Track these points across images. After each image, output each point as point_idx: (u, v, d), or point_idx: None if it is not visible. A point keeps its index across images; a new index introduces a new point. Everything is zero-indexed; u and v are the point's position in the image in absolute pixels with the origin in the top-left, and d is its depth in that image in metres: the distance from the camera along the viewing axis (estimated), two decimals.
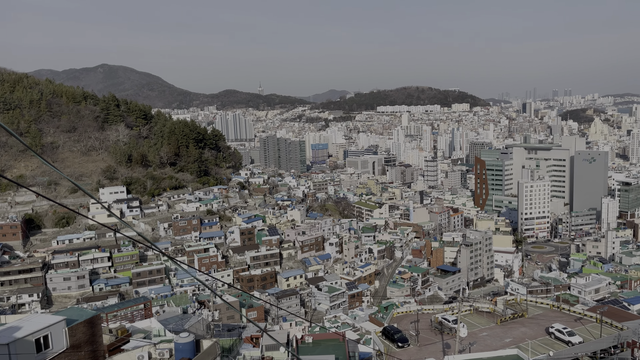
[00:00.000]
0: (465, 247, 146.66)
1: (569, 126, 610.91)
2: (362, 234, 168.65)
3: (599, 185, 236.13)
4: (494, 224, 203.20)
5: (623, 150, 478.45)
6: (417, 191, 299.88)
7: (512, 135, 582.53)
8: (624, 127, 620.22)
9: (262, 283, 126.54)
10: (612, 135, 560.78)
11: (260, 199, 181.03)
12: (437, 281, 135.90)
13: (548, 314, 74.18)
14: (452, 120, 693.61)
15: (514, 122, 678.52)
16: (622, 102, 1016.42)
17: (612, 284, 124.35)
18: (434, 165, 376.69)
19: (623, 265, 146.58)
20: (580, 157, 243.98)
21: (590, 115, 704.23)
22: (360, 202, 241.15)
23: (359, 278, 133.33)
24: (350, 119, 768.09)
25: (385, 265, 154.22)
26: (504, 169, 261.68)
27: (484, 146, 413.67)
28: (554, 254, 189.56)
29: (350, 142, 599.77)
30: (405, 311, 79.48)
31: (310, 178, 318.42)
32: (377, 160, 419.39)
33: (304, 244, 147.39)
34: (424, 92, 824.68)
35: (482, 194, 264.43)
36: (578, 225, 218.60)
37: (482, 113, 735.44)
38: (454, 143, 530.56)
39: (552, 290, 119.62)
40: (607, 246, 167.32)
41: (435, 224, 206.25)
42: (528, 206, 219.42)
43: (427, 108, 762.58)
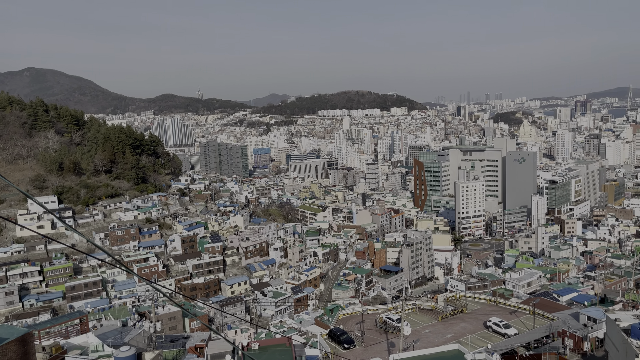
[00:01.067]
0: (406, 247, 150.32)
1: (501, 128, 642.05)
2: (307, 238, 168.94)
3: (528, 184, 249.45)
4: (433, 223, 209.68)
5: (549, 150, 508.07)
6: (360, 194, 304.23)
7: (448, 137, 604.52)
8: (550, 128, 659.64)
9: (206, 291, 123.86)
10: (539, 137, 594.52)
11: (202, 205, 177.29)
12: (381, 281, 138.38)
13: (486, 308, 77.40)
14: (391, 123, 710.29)
15: (449, 125, 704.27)
16: (548, 105, 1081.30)
17: (542, 277, 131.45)
18: (375, 168, 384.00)
19: (552, 259, 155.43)
20: (512, 158, 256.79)
21: (519, 117, 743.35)
22: (304, 206, 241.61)
23: (304, 282, 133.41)
24: (292, 123, 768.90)
25: (330, 268, 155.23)
26: (441, 170, 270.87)
27: (422, 148, 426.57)
28: (489, 250, 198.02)
29: (292, 146, 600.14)
30: (351, 312, 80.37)
31: (253, 183, 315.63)
32: (320, 164, 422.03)
33: (248, 249, 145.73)
34: (363, 96, 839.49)
35: (422, 195, 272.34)
36: (511, 223, 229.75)
37: (419, 116, 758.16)
38: (393, 146, 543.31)
39: (488, 285, 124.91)
40: (538, 241, 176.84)
41: (378, 225, 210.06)
42: (464, 205, 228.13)
43: (367, 112, 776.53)
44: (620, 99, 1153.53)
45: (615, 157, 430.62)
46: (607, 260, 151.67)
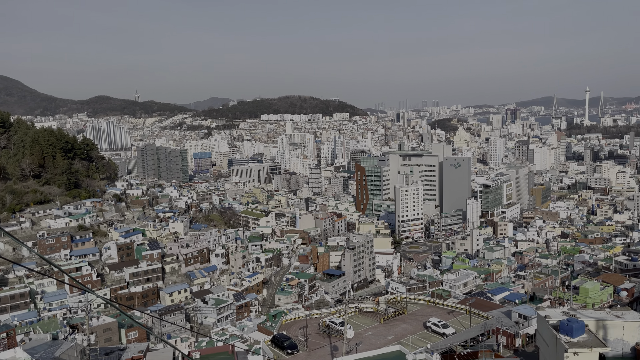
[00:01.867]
0: (349, 250, 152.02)
1: (437, 134, 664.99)
2: (249, 243, 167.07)
3: (464, 188, 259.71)
4: (375, 227, 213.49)
5: (483, 155, 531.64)
6: (303, 198, 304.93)
7: (388, 143, 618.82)
8: (483, 134, 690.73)
9: (144, 300, 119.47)
10: (473, 143, 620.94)
11: (139, 211, 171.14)
12: (324, 285, 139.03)
13: (425, 309, 79.64)
14: (333, 128, 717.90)
15: (389, 131, 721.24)
16: (481, 113, 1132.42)
17: (477, 278, 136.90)
18: (318, 173, 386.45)
19: (486, 259, 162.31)
20: (448, 163, 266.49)
21: (455, 124, 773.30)
22: (246, 211, 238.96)
23: (247, 288, 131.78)
24: (234, 127, 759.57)
25: (273, 273, 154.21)
26: (382, 175, 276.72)
27: (363, 153, 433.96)
28: (428, 252, 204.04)
29: (234, 150, 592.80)
30: (294, 318, 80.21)
31: (193, 188, 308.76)
32: (263, 169, 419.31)
33: (188, 256, 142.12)
34: (306, 101, 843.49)
35: (363, 199, 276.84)
36: (448, 225, 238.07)
37: (360, 122, 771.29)
38: (336, 151, 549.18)
39: (427, 286, 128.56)
40: (472, 243, 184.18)
41: (321, 229, 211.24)
42: (404, 209, 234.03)
43: (309, 117, 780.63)
44: (546, 107, 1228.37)
45: (542, 162, 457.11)
46: (535, 260, 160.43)
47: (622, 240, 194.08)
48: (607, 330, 27.03)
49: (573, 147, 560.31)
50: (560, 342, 24.55)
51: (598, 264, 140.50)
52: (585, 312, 28.63)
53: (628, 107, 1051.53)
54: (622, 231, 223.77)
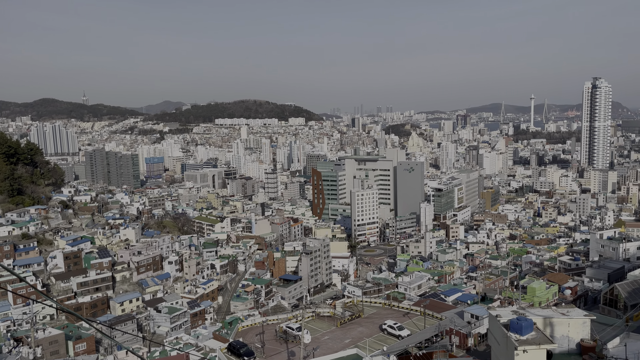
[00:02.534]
0: (305, 255, 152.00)
1: (392, 139, 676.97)
2: (204, 250, 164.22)
3: (417, 192, 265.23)
4: (331, 231, 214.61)
5: (435, 160, 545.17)
6: (259, 203, 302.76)
7: (344, 147, 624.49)
8: (435, 140, 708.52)
9: (93, 311, 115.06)
10: (426, 147, 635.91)
11: (88, 218, 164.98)
12: (280, 291, 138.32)
13: (381, 312, 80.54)
14: (289, 133, 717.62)
15: (345, 136, 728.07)
16: (433, 118, 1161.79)
17: (431, 280, 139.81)
18: (274, 178, 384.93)
19: (439, 262, 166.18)
20: (402, 167, 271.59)
21: (408, 129, 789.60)
22: (200, 216, 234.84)
23: (202, 295, 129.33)
24: (187, 131, 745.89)
25: (228, 279, 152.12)
26: (338, 180, 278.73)
27: (319, 158, 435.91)
28: (383, 256, 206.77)
29: (188, 155, 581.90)
30: (250, 324, 79.33)
31: (145, 194, 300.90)
32: (217, 174, 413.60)
33: (140, 264, 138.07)
34: (261, 105, 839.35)
35: (320, 204, 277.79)
36: (402, 229, 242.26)
37: (316, 127, 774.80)
38: (292, 155, 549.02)
39: (383, 289, 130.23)
40: (426, 246, 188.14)
41: (277, 234, 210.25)
42: (360, 213, 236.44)
43: (265, 121, 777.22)
44: (495, 114, 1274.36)
45: (491, 166, 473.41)
46: (486, 261, 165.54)
47: (565, 241, 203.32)
48: (554, 327, 28.21)
49: (520, 152, 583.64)
50: (510, 341, 25.41)
51: (544, 264, 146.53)
52: (534, 311, 29.77)
53: (570, 114, 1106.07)
54: (565, 232, 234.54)
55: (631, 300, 58.34)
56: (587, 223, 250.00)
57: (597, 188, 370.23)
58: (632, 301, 58.16)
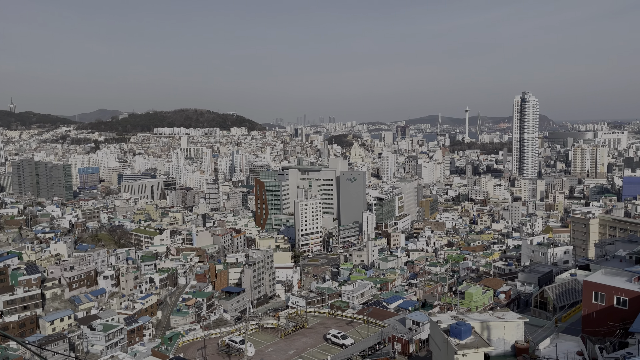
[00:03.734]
0: (248, 266, 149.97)
1: (334, 149, 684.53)
2: (142, 263, 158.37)
3: (359, 201, 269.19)
4: (274, 242, 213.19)
5: (376, 170, 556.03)
6: (200, 214, 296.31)
7: (287, 157, 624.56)
8: (376, 150, 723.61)
9: (21, 330, 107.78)
10: (367, 158, 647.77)
11: (15, 232, 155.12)
12: (223, 304, 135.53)
13: (325, 321, 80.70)
14: (231, 143, 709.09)
15: (288, 146, 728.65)
16: (374, 129, 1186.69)
17: (373, 288, 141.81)
18: (216, 188, 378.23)
19: (381, 270, 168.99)
20: (344, 177, 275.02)
21: (350, 140, 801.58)
22: (138, 229, 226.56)
23: (140, 311, 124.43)
24: (124, 140, 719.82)
25: (168, 293, 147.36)
26: (281, 190, 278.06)
27: (262, 168, 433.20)
28: (327, 265, 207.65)
29: (125, 165, 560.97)
30: (192, 339, 77.17)
31: (78, 206, 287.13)
32: (156, 184, 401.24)
33: (73, 280, 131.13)
34: (202, 115, 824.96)
35: (263, 214, 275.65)
36: (345, 238, 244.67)
37: (259, 137, 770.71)
38: (234, 165, 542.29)
39: (326, 299, 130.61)
40: (368, 254, 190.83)
41: (219, 246, 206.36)
42: (303, 223, 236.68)
43: (206, 131, 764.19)
44: (432, 125, 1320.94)
45: (430, 176, 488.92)
46: (425, 268, 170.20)
47: (499, 247, 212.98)
48: (491, 330, 29.35)
49: (456, 162, 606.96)
50: (450, 345, 26.16)
51: (480, 269, 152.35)
52: (472, 315, 30.85)
53: (501, 126, 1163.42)
54: (499, 239, 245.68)
55: (559, 302, 61.76)
56: (519, 229, 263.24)
57: (527, 196, 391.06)
58: (560, 303, 61.59)
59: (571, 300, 61.17)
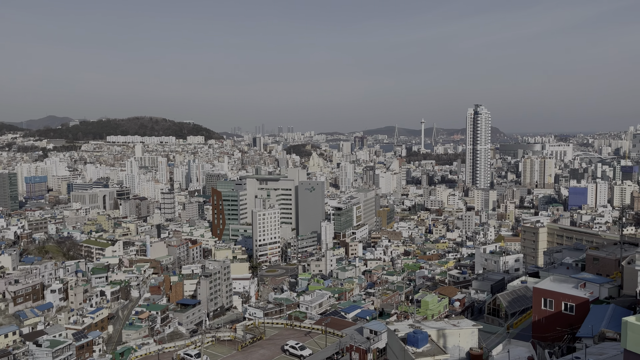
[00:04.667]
0: (204, 278, 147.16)
1: (293, 159, 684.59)
2: (93, 276, 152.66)
3: (318, 211, 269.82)
4: (232, 252, 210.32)
5: (335, 180, 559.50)
6: (154, 225, 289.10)
7: (245, 167, 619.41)
8: (335, 160, 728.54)
9: None
10: (326, 167, 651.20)
11: None
12: (178, 316, 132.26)
13: (283, 332, 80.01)
14: (188, 152, 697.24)
15: (246, 155, 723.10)
16: (332, 140, 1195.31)
17: (332, 297, 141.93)
18: (171, 198, 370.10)
19: (339, 279, 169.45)
20: (303, 187, 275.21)
21: (309, 150, 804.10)
22: (89, 240, 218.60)
23: (90, 325, 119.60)
24: (75, 148, 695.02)
25: (120, 307, 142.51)
26: (239, 199, 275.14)
27: (219, 178, 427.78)
28: (285, 275, 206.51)
29: (75, 174, 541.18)
30: (145, 353, 74.79)
31: (24, 216, 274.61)
32: (109, 194, 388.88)
33: (18, 294, 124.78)
34: (158, 123, 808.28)
35: (220, 224, 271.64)
36: (303, 248, 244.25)
37: (216, 146, 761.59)
38: (190, 175, 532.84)
39: (284, 310, 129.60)
40: (327, 264, 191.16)
41: (174, 257, 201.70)
42: (261, 233, 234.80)
43: (162, 139, 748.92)
44: (389, 136, 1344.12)
45: (387, 186, 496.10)
46: (383, 277, 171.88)
47: (454, 255, 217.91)
48: (447, 338, 29.85)
49: (412, 173, 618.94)
50: (407, 353, 26.43)
51: (435, 278, 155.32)
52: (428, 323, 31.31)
53: (455, 137, 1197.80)
54: (453, 247, 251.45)
55: (511, 309, 63.66)
56: (472, 238, 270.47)
57: (480, 206, 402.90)
58: (512, 310, 63.49)
59: (522, 307, 63.19)
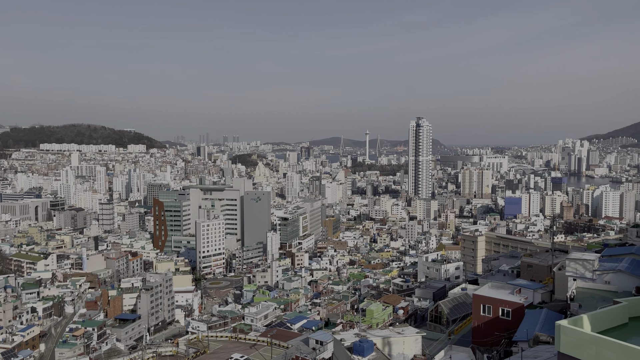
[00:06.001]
0: (145, 291, 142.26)
1: (238, 169, 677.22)
2: (23, 292, 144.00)
3: (264, 221, 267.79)
4: (174, 264, 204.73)
5: (281, 190, 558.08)
6: (91, 237, 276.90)
7: (189, 177, 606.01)
8: (281, 170, 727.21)
9: None
10: (272, 178, 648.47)
11: None
12: (116, 332, 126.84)
13: (227, 346, 78.39)
14: (128, 161, 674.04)
15: (190, 165, 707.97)
16: (279, 149, 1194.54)
17: (277, 309, 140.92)
18: (110, 208, 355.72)
19: (285, 290, 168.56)
20: (249, 197, 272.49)
21: (255, 159, 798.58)
22: (19, 254, 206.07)
23: (20, 344, 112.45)
24: (4, 157, 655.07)
25: (53, 324, 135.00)
26: (182, 210, 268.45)
27: (162, 188, 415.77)
28: (229, 287, 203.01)
29: (5, 183, 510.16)
30: None
31: None
32: (42, 205, 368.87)
33: None
34: (96, 130, 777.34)
35: (162, 236, 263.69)
36: (249, 259, 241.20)
37: (159, 155, 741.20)
38: (131, 185, 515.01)
39: (229, 322, 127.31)
40: (272, 275, 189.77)
41: (113, 270, 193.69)
42: (205, 244, 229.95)
43: (100, 148, 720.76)
44: (335, 146, 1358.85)
45: (333, 196, 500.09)
46: (328, 287, 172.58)
47: (397, 264, 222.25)
48: (392, 346, 30.33)
49: (357, 183, 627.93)
50: None
51: (380, 286, 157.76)
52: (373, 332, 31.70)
53: (399, 148, 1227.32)
54: (397, 256, 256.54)
55: (452, 316, 65.57)
56: (415, 247, 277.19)
57: (422, 215, 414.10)
58: (453, 316, 65.40)
59: (463, 313, 65.26)
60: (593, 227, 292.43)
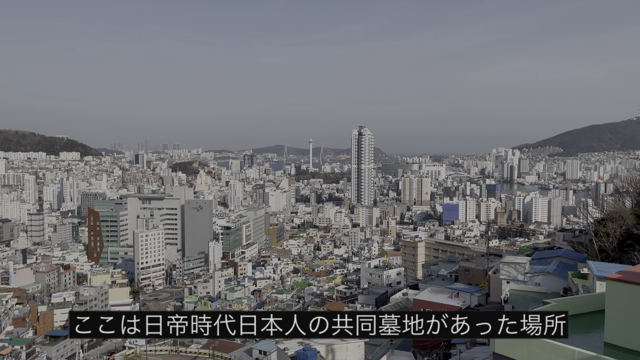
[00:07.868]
0: (78, 306, 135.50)
1: (179, 177, 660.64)
2: None
3: (206, 230, 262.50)
4: (110, 277, 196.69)
5: (223, 198, 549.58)
6: (19, 249, 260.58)
7: (126, 185, 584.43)
8: (223, 178, 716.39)
9: None
10: (214, 186, 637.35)
11: None
12: (47, 350, 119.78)
13: (168, 359, 76.04)
14: (60, 169, 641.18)
15: (127, 173, 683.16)
16: (221, 157, 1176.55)
17: None
18: (40, 219, 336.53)
19: (228, 300, 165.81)
20: (190, 206, 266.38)
21: (196, 167, 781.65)
22: None
23: None
24: None
25: None
26: (119, 220, 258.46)
27: (97, 197, 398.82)
28: (169, 299, 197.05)
29: None
30: None
31: None
32: None
33: None
34: (25, 137, 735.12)
35: (97, 247, 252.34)
36: (190, 269, 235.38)
37: (94, 163, 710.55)
38: (63, 194, 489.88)
39: None
40: (215, 285, 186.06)
41: (43, 285, 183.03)
42: (144, 255, 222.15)
43: (29, 155, 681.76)
44: (278, 154, 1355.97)
45: (276, 204, 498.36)
46: (272, 296, 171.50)
47: (341, 271, 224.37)
48: (335, 353, 30.50)
49: (301, 191, 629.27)
50: None
51: (324, 294, 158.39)
52: (317, 340, 31.77)
53: (342, 157, 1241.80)
54: (340, 263, 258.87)
55: None
56: (358, 254, 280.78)
57: (365, 222, 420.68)
58: None
59: None
60: (524, 231, 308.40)
